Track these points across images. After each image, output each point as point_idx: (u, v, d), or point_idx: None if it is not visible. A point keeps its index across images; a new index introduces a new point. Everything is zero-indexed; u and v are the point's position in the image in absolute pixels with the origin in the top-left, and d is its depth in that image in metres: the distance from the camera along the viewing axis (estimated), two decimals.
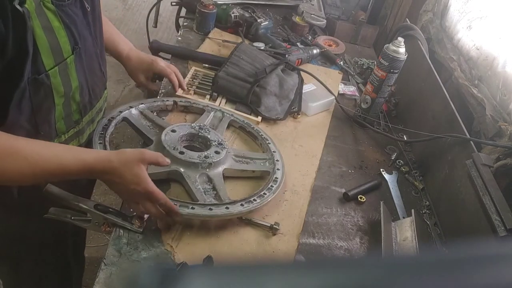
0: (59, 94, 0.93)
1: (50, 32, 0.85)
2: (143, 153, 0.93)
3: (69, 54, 0.91)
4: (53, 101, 0.93)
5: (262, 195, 1.09)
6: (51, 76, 0.88)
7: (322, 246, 1.10)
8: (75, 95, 0.99)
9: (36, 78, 0.86)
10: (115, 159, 0.90)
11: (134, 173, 0.90)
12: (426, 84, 1.57)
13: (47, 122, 0.95)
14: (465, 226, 1.14)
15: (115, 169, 0.89)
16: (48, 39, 0.85)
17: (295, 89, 1.51)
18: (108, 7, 4.02)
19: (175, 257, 0.94)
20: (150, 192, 0.92)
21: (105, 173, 0.91)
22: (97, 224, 0.96)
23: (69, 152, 0.90)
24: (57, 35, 0.87)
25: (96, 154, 0.92)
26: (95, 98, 1.10)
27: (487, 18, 1.50)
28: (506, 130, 1.21)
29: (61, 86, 0.92)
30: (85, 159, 0.88)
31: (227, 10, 1.83)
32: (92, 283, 0.86)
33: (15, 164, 0.83)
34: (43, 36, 0.83)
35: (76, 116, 1.04)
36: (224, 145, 1.18)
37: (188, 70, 1.53)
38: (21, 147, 0.84)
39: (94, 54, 1.04)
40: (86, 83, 1.02)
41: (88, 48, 0.99)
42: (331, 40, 1.97)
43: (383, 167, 1.39)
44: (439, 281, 0.33)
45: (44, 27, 0.83)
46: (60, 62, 0.90)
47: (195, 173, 1.09)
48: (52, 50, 0.87)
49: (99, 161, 0.89)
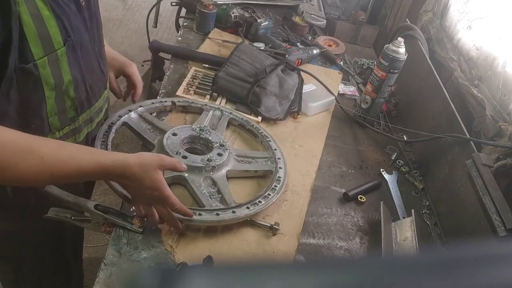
0: (49, 87, 0.91)
1: (39, 20, 0.83)
2: (162, 159, 0.93)
3: (60, 45, 0.89)
4: (43, 94, 0.91)
5: (266, 196, 1.09)
6: (39, 67, 0.87)
7: (322, 246, 1.10)
8: (68, 90, 0.97)
9: (24, 67, 0.84)
10: (134, 164, 0.89)
11: (153, 179, 0.90)
12: (426, 84, 1.57)
13: (38, 115, 0.94)
14: (465, 226, 1.14)
15: (134, 174, 0.89)
16: (37, 27, 0.83)
17: (295, 89, 1.51)
18: (108, 7, 4.02)
19: (175, 257, 0.94)
20: (167, 197, 0.92)
21: (123, 177, 0.89)
22: (97, 224, 0.96)
23: (86, 154, 0.88)
24: (47, 24, 0.85)
25: (114, 157, 0.90)
26: (93, 96, 1.08)
27: (487, 18, 1.50)
28: (506, 130, 1.21)
29: (51, 78, 0.91)
30: (103, 162, 0.87)
31: (227, 10, 1.83)
32: (92, 283, 0.86)
33: (31, 163, 0.80)
34: (30, 23, 0.81)
35: (71, 113, 1.02)
36: (225, 146, 1.18)
37: (188, 70, 1.53)
38: (37, 146, 0.82)
39: (91, 51, 1.03)
40: (83, 79, 1.01)
41: (84, 44, 0.98)
42: (331, 40, 1.97)
43: (383, 167, 1.39)
44: (439, 281, 0.33)
45: (32, 14, 0.81)
46: (50, 52, 0.88)
47: (199, 177, 1.09)
48: (41, 39, 0.85)
49: (118, 165, 0.88)
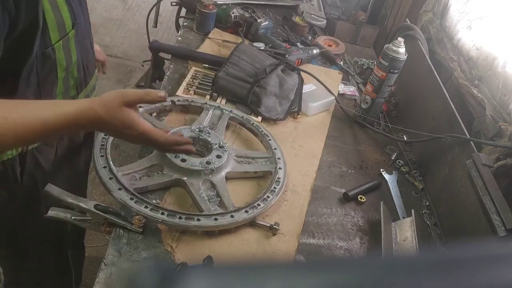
0: (62, 68, 0.96)
1: (55, 7, 0.88)
2: (124, 94, 0.86)
3: (70, 29, 0.94)
4: (56, 76, 0.96)
5: (265, 199, 1.09)
6: (56, 50, 0.91)
7: (322, 246, 1.10)
8: (73, 70, 1.02)
9: (44, 52, 0.89)
10: (97, 107, 0.83)
11: (121, 118, 0.84)
12: (426, 84, 1.57)
13: (49, 96, 0.98)
14: (465, 226, 1.14)
15: (100, 117, 0.83)
16: (54, 13, 0.87)
17: (295, 89, 1.51)
18: (108, 7, 4.03)
19: (175, 257, 0.94)
20: (145, 133, 0.88)
21: (92, 123, 0.85)
22: (97, 224, 0.96)
23: (49, 107, 0.83)
24: (61, 9, 0.89)
25: (77, 105, 0.84)
26: (89, 75, 1.12)
27: (487, 18, 1.50)
28: (506, 130, 1.21)
29: (64, 60, 0.95)
30: (67, 112, 0.81)
31: (227, 10, 1.83)
32: (92, 283, 0.86)
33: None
34: (50, 10, 0.86)
35: (72, 92, 1.06)
36: (225, 147, 1.18)
37: (188, 70, 1.53)
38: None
39: (86, 32, 1.07)
40: (82, 60, 1.05)
41: (81, 25, 1.02)
42: (331, 40, 1.97)
43: (383, 167, 1.39)
44: (439, 281, 0.33)
45: (51, 1, 0.86)
46: (64, 36, 0.92)
47: (198, 181, 1.09)
48: (58, 24, 0.89)
49: (82, 111, 0.82)
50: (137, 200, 0.97)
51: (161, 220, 0.96)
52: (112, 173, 1.02)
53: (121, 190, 0.99)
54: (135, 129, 0.87)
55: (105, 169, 1.03)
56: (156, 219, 0.96)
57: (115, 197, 0.98)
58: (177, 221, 0.96)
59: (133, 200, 0.97)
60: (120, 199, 0.97)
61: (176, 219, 0.96)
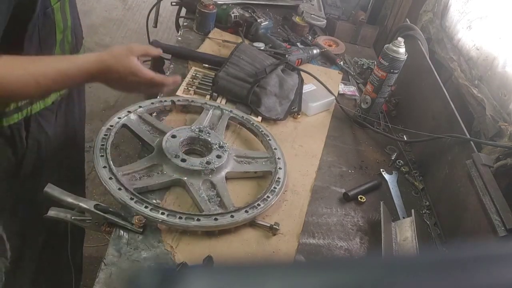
0: (59, 30, 1.01)
1: None
2: (132, 47, 1.01)
3: None
4: (55, 37, 1.01)
5: (265, 199, 1.09)
6: (55, 11, 0.96)
7: (322, 246, 1.10)
8: (68, 35, 1.06)
9: (45, 12, 0.93)
10: (107, 57, 0.96)
11: (127, 65, 0.97)
12: (426, 84, 1.57)
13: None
14: (465, 226, 1.14)
15: (109, 66, 0.96)
16: None
17: (295, 89, 1.51)
18: (108, 7, 4.03)
19: (175, 257, 0.94)
20: (150, 79, 1.00)
21: (101, 72, 0.96)
22: (97, 224, 0.96)
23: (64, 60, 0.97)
24: None
25: (87, 58, 0.97)
26: (78, 43, 1.17)
27: (487, 18, 1.50)
28: (506, 130, 1.21)
29: (61, 22, 1.00)
30: (79, 64, 0.94)
31: (227, 10, 1.83)
32: (92, 283, 0.86)
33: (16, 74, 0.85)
34: None
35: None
36: (225, 147, 1.18)
37: (188, 70, 1.53)
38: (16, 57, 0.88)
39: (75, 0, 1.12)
40: (74, 26, 1.09)
41: None
42: (331, 40, 1.97)
43: (383, 167, 1.39)
44: (439, 281, 0.33)
45: None
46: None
47: (198, 181, 1.09)
48: None
49: (92, 62, 0.95)
50: (137, 200, 0.97)
51: (161, 220, 0.96)
52: (112, 173, 1.02)
53: (121, 190, 0.99)
54: (141, 75, 0.99)
55: (105, 169, 1.03)
56: (156, 219, 0.96)
57: (115, 197, 0.98)
58: (177, 221, 0.96)
59: (133, 200, 0.97)
60: (120, 199, 0.97)
61: (176, 219, 0.96)
